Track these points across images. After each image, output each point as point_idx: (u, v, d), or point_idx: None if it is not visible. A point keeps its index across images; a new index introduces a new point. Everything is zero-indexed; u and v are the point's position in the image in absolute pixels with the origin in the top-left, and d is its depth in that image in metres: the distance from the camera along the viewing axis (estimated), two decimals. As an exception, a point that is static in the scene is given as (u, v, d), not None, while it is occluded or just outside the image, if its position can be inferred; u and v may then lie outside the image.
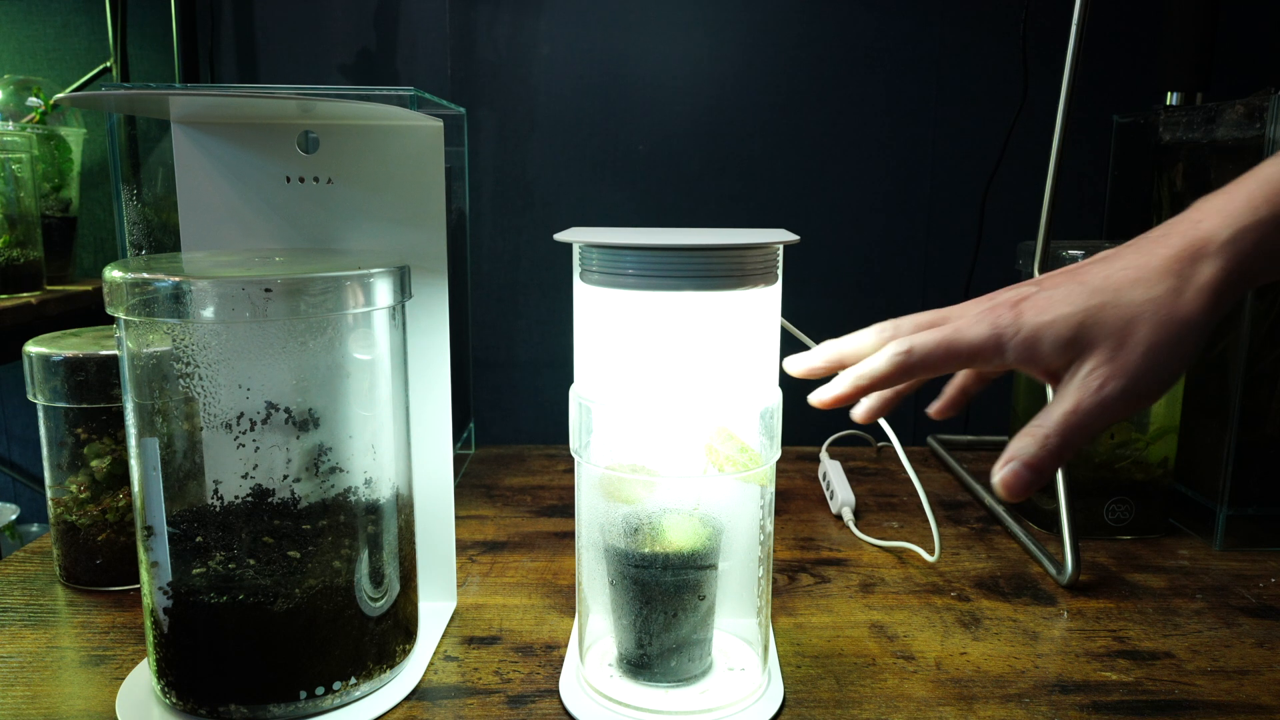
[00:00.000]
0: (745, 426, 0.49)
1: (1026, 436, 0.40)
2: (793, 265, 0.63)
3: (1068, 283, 0.41)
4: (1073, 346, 0.40)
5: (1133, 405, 0.39)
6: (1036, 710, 0.51)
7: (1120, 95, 1.03)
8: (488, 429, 1.11)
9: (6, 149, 0.95)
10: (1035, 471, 0.39)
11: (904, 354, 0.42)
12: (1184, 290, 0.39)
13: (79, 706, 0.51)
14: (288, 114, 0.55)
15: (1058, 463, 0.40)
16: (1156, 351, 0.39)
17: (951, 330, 0.41)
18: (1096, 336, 0.39)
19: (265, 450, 0.48)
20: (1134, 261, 0.40)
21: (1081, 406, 0.39)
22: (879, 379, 0.43)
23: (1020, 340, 0.40)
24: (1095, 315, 0.39)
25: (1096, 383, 0.39)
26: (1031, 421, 0.40)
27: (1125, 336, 0.39)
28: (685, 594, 0.50)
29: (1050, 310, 0.40)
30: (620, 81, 1.04)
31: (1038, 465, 0.39)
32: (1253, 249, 0.39)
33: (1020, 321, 0.40)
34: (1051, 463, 0.39)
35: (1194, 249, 0.39)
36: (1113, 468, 0.77)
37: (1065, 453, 0.39)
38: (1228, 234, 0.39)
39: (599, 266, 0.47)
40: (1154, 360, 0.39)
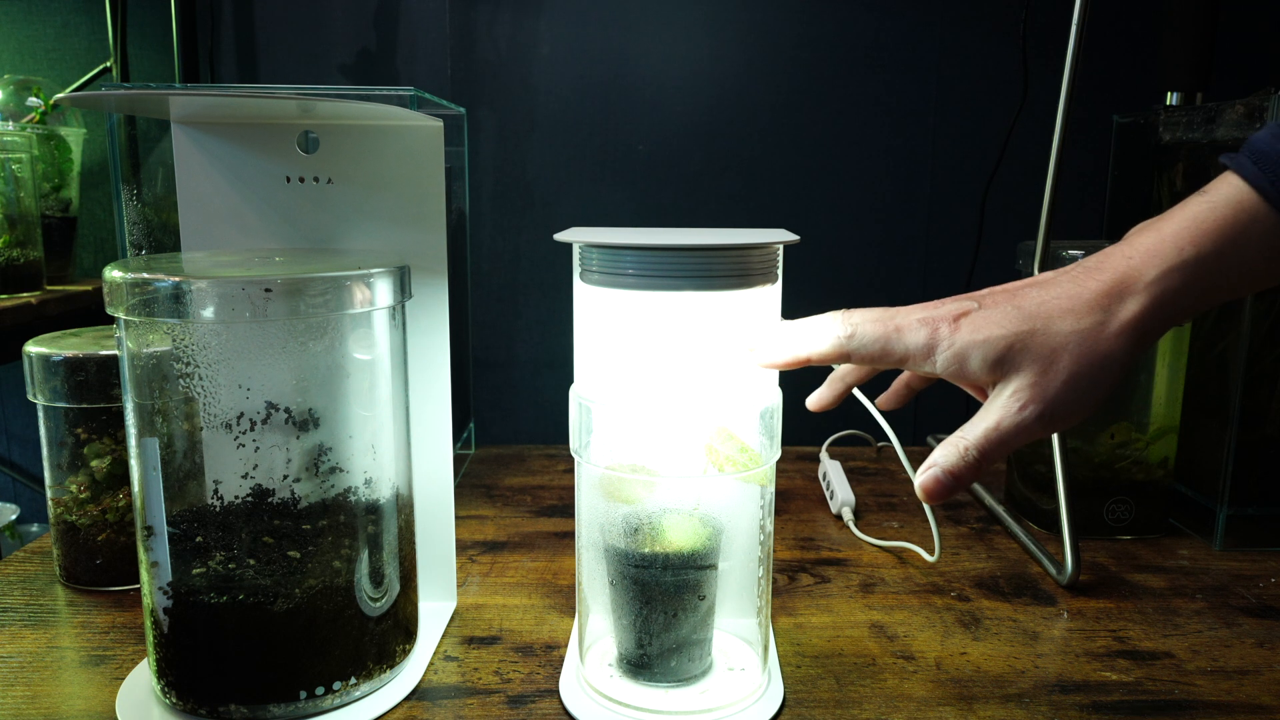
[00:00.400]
0: (745, 426, 0.49)
1: (949, 446, 0.43)
2: (793, 265, 0.62)
3: (1005, 304, 0.43)
4: (999, 367, 0.42)
5: (1049, 428, 0.42)
6: (1036, 710, 0.51)
7: (1120, 95, 1.03)
8: (488, 429, 1.11)
9: (6, 149, 0.95)
10: (954, 479, 0.43)
11: (845, 338, 0.45)
12: (1108, 325, 0.42)
13: (79, 706, 0.51)
14: (288, 114, 0.55)
15: (976, 473, 0.43)
16: (1076, 381, 0.41)
17: (893, 329, 0.44)
18: (1022, 361, 0.42)
19: (265, 450, 0.48)
20: (1067, 290, 0.43)
21: (1002, 425, 0.42)
22: (817, 356, 0.46)
23: (951, 354, 0.43)
24: (1024, 340, 0.42)
25: (1017, 405, 0.42)
26: (957, 431, 0.43)
27: (1049, 364, 0.41)
28: (685, 594, 0.50)
29: (983, 330, 0.42)
30: (620, 81, 1.04)
31: (956, 474, 0.43)
32: (1177, 288, 0.42)
33: (954, 337, 0.43)
34: (969, 473, 0.42)
35: (1122, 285, 0.42)
36: (1113, 468, 0.77)
37: (983, 464, 0.42)
38: (1154, 274, 0.42)
39: (599, 266, 0.47)
40: (1073, 389, 0.41)
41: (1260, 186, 0.42)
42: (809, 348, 0.46)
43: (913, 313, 0.44)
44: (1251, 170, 0.42)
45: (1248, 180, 0.42)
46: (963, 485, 0.43)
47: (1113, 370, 0.42)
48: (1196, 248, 0.42)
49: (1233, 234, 0.42)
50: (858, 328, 0.45)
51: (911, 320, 0.44)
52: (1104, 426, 0.76)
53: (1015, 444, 0.42)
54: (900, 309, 0.45)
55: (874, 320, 0.45)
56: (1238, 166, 0.43)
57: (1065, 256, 0.76)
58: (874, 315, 0.45)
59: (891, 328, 0.44)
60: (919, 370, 0.44)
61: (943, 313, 0.44)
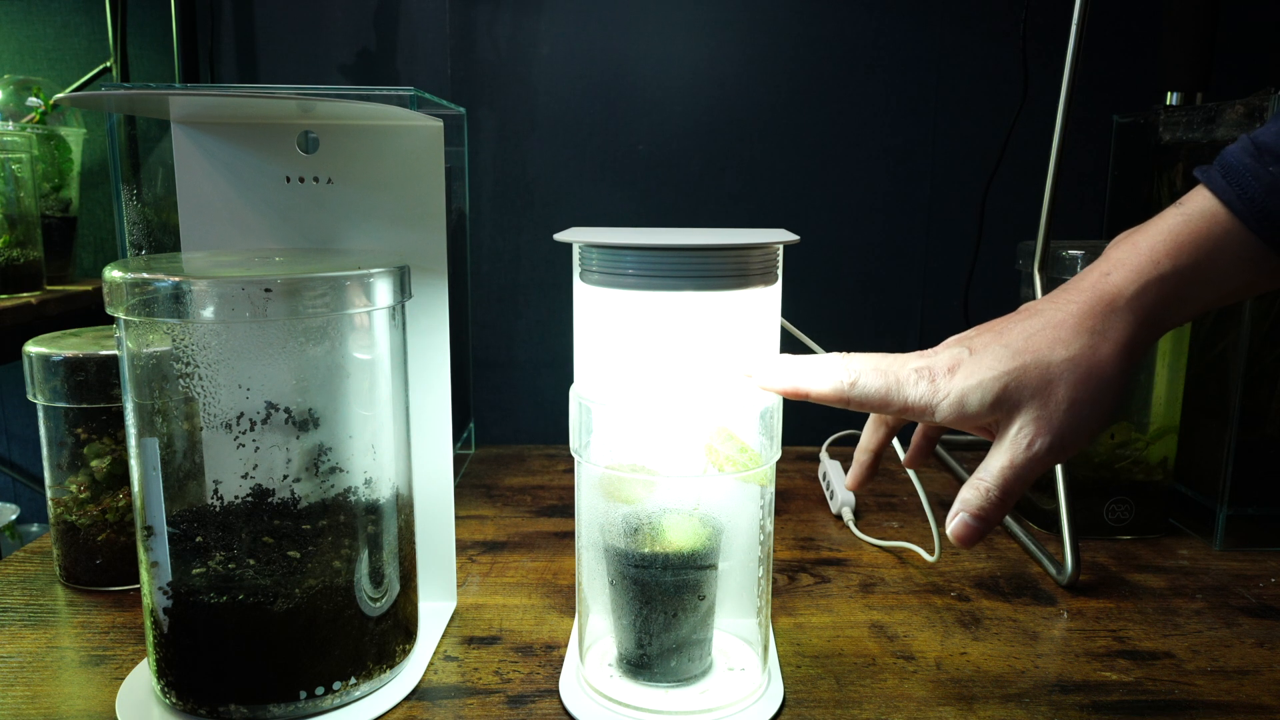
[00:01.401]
0: (745, 426, 0.49)
1: (971, 490, 0.44)
2: (793, 265, 0.63)
3: (994, 345, 0.44)
4: (999, 406, 0.43)
5: (1061, 456, 0.43)
6: (1036, 710, 0.51)
7: (1120, 95, 1.03)
8: (488, 429, 1.11)
9: (6, 149, 0.95)
10: (982, 521, 0.44)
11: (847, 385, 0.46)
12: (1099, 348, 0.42)
13: (79, 706, 0.51)
14: (288, 114, 0.55)
15: (1002, 512, 0.43)
16: (1078, 407, 0.42)
17: (893, 381, 0.45)
18: (1021, 398, 0.43)
19: (265, 450, 0.48)
20: (1051, 319, 0.44)
21: (1016, 462, 0.43)
22: (815, 394, 0.47)
23: (950, 403, 0.44)
24: (1018, 378, 0.43)
25: (1025, 440, 0.43)
26: (975, 473, 0.44)
27: (1048, 396, 0.42)
28: (685, 594, 0.50)
29: (976, 374, 0.43)
30: (620, 81, 1.04)
31: (983, 516, 0.44)
32: (1156, 301, 0.43)
33: (950, 386, 0.44)
34: (995, 513, 0.43)
35: (1104, 304, 0.43)
36: (1113, 468, 0.77)
37: (1008, 502, 0.43)
38: (1133, 290, 0.43)
39: (599, 266, 0.47)
40: (1076, 415, 0.42)
41: (1229, 201, 0.42)
42: (809, 384, 0.47)
43: (909, 362, 0.46)
44: (1220, 184, 0.43)
45: (1217, 195, 0.43)
46: (992, 525, 0.44)
47: (1110, 390, 0.42)
48: (1173, 261, 0.43)
49: (1208, 246, 0.43)
50: (860, 376, 0.46)
51: (909, 372, 0.45)
52: (1104, 426, 0.76)
53: (1032, 477, 0.43)
54: (897, 358, 0.46)
55: (874, 370, 0.46)
56: (1208, 180, 0.43)
57: (1065, 256, 0.76)
58: (874, 364, 0.46)
59: (892, 380, 0.45)
60: (920, 420, 0.46)
61: (938, 362, 0.45)
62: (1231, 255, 0.43)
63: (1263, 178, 0.42)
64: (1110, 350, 0.42)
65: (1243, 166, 0.42)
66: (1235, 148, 0.43)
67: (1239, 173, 0.42)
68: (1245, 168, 0.42)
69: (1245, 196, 0.42)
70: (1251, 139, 0.43)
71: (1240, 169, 0.42)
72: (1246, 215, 0.42)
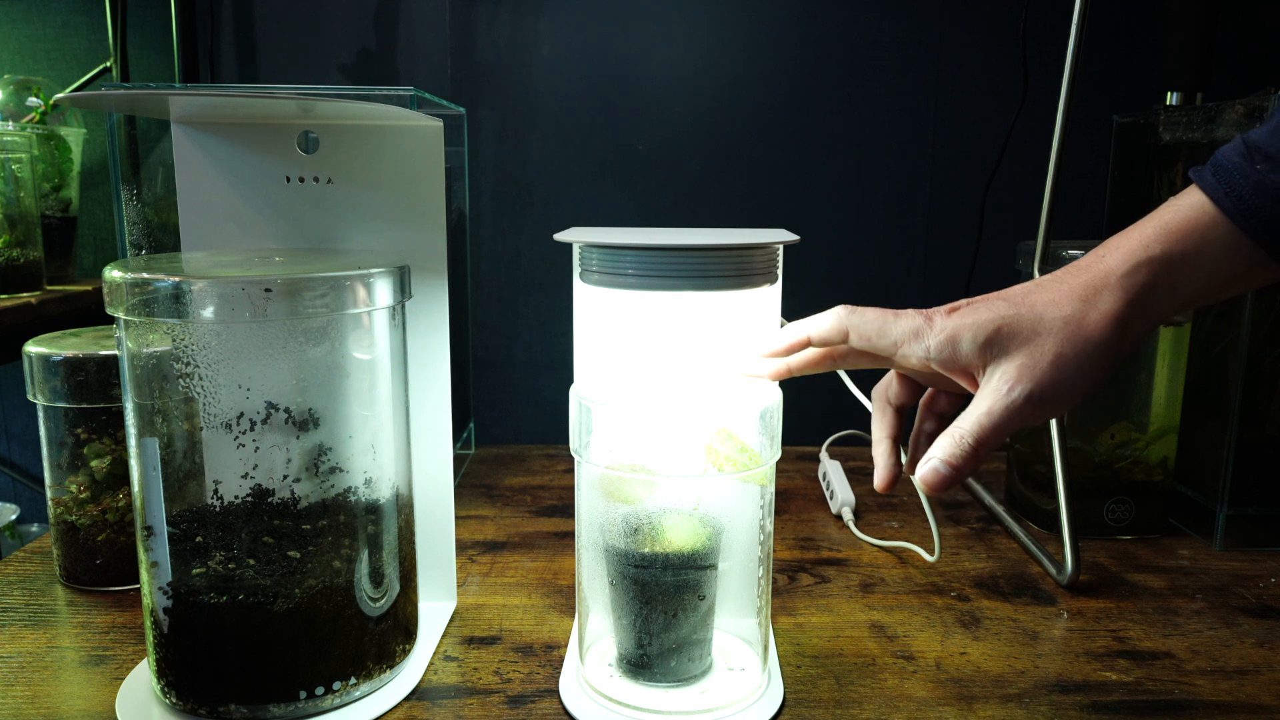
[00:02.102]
0: (745, 426, 0.49)
1: (947, 437, 0.44)
2: (793, 265, 0.62)
3: (993, 298, 0.46)
4: (988, 349, 0.44)
5: (1039, 409, 0.44)
6: (1036, 710, 0.51)
7: (1120, 95, 1.03)
8: (488, 429, 1.11)
9: (6, 149, 0.95)
10: (954, 470, 0.44)
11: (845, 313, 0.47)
12: (1089, 314, 0.44)
13: (79, 706, 0.51)
14: (288, 114, 0.55)
15: (974, 462, 0.44)
16: (1062, 361, 0.43)
17: (890, 315, 0.47)
18: (1010, 343, 0.44)
19: (265, 450, 0.48)
20: (1050, 287, 0.46)
21: (993, 409, 0.43)
22: (818, 336, 0.48)
23: (944, 337, 0.45)
24: (1012, 324, 0.44)
25: (1006, 386, 0.43)
26: (953, 423, 0.45)
27: (1036, 346, 0.44)
28: (685, 594, 0.50)
29: (972, 315, 0.45)
30: (620, 81, 1.04)
31: (955, 464, 0.44)
32: (1146, 282, 0.44)
33: (946, 322, 0.45)
34: (968, 463, 0.44)
35: (1098, 280, 0.45)
36: (1113, 468, 0.77)
37: (980, 451, 0.44)
38: (1124, 269, 0.45)
39: (599, 266, 0.47)
40: (1060, 370, 0.43)
41: (1216, 198, 0.44)
42: (807, 328, 0.48)
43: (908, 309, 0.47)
44: (1210, 182, 0.45)
45: (1206, 192, 0.45)
46: (963, 475, 0.44)
47: (1098, 357, 0.44)
48: (1163, 246, 0.45)
49: (1196, 237, 0.45)
50: (856, 310, 0.47)
51: (908, 311, 0.47)
52: (1104, 426, 0.76)
53: (1008, 427, 0.44)
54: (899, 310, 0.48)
55: (874, 310, 0.47)
56: (1199, 179, 0.46)
57: (1065, 256, 0.76)
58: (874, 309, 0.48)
59: (890, 314, 0.47)
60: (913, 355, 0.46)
61: (935, 309, 0.47)
62: (1220, 247, 0.44)
63: (1250, 175, 0.44)
64: (1099, 318, 0.44)
65: (1232, 165, 0.44)
66: (1228, 147, 0.46)
67: (1228, 170, 0.44)
68: (1234, 166, 0.44)
69: (1233, 194, 0.44)
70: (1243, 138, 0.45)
71: (1229, 167, 0.44)
72: (1233, 210, 0.44)
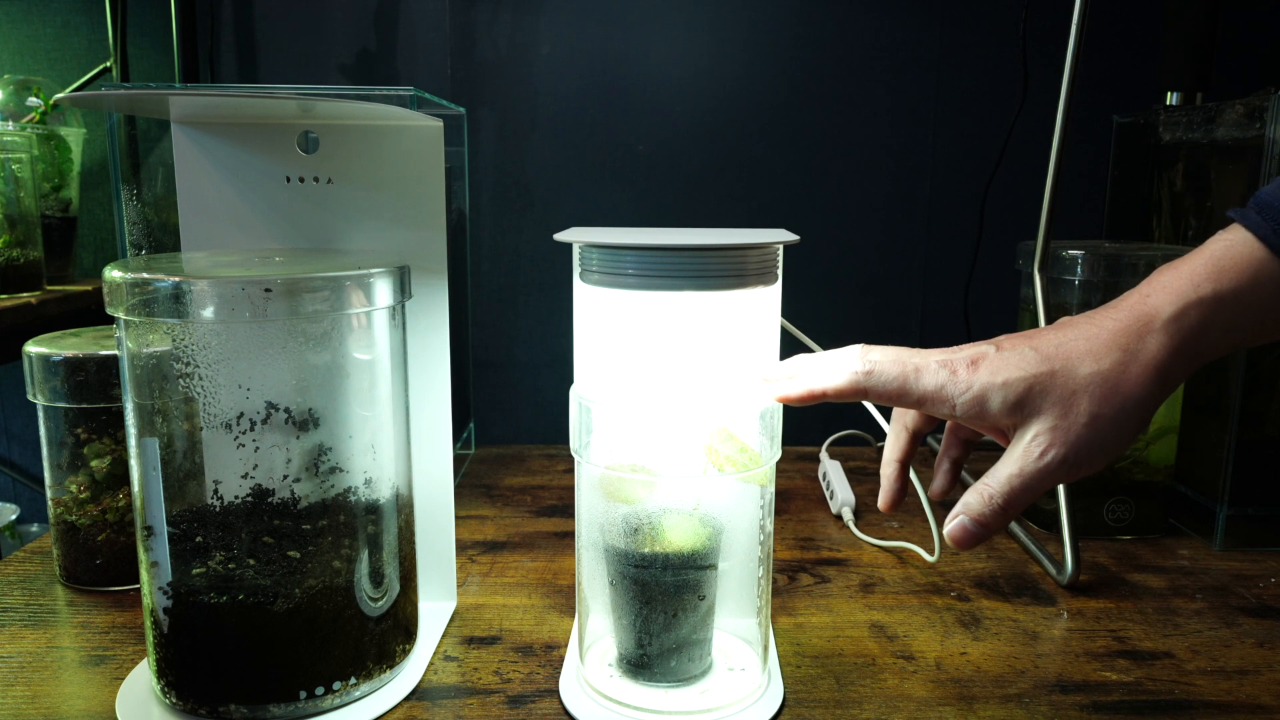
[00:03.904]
0: (745, 426, 0.49)
1: (975, 494, 0.43)
2: (793, 265, 0.62)
3: (1022, 346, 0.43)
4: (1019, 409, 0.42)
5: (1073, 473, 0.42)
6: (1036, 710, 0.51)
7: (1120, 95, 1.03)
8: (488, 429, 1.11)
9: (6, 149, 0.95)
10: (981, 528, 0.43)
11: (863, 374, 0.45)
12: (1130, 366, 0.41)
13: (79, 706, 0.51)
14: (288, 114, 0.55)
15: (1003, 521, 0.43)
16: (1098, 423, 0.41)
17: (911, 369, 0.44)
18: (1042, 404, 0.41)
19: (265, 450, 0.48)
20: (1085, 332, 0.43)
21: (1025, 472, 0.42)
22: (833, 391, 0.46)
23: (970, 397, 0.42)
24: (1044, 382, 0.41)
25: (1038, 450, 0.42)
26: (982, 478, 0.43)
27: (1069, 407, 0.41)
28: (685, 594, 0.50)
29: (1002, 373, 0.42)
30: (620, 81, 1.04)
31: (984, 522, 0.43)
32: (1196, 325, 0.41)
33: (972, 379, 0.43)
34: (996, 521, 0.43)
35: (1141, 323, 0.42)
36: (1113, 468, 0.77)
37: (1010, 512, 0.42)
38: (1171, 310, 0.42)
39: (599, 266, 0.47)
40: (1095, 431, 0.41)
41: (1264, 236, 0.42)
42: (824, 382, 0.46)
43: (931, 355, 0.44)
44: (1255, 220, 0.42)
45: (1253, 230, 0.42)
46: (990, 532, 0.43)
47: (1136, 413, 0.41)
48: (1215, 284, 0.42)
49: (1249, 274, 0.42)
50: (876, 365, 0.44)
51: (930, 362, 0.44)
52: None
53: (1040, 489, 0.42)
54: (919, 351, 0.45)
55: (892, 360, 0.44)
56: (1243, 218, 0.43)
57: (1065, 256, 0.76)
58: (892, 355, 0.45)
59: (910, 368, 0.44)
60: (937, 413, 0.44)
61: (961, 356, 0.44)
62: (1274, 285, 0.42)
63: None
64: (1140, 370, 0.41)
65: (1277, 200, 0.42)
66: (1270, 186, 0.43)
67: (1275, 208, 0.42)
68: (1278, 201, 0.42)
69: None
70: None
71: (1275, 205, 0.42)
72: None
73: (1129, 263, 0.75)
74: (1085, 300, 0.76)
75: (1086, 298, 0.76)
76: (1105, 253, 0.75)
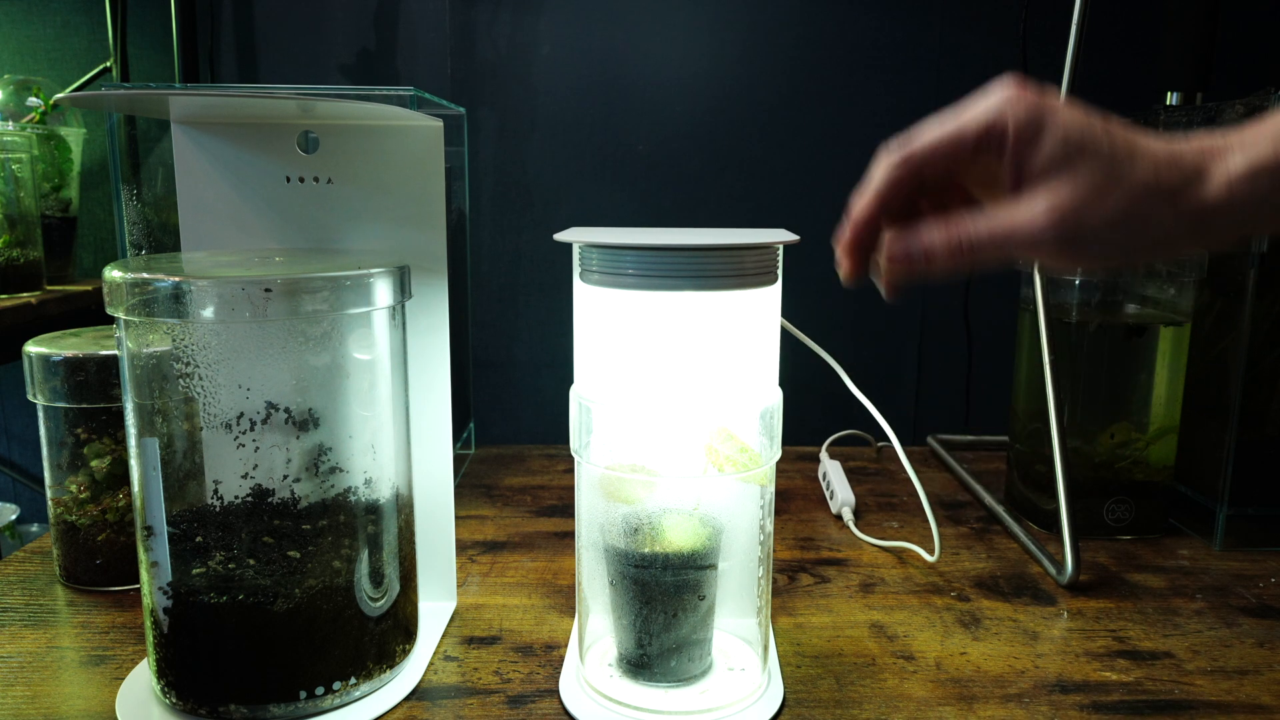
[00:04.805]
0: (745, 426, 0.49)
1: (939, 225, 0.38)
2: (793, 265, 0.62)
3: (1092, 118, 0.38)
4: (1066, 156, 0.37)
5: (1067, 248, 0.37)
6: (1036, 710, 0.51)
7: (1120, 95, 1.03)
8: (488, 429, 1.11)
9: (6, 149, 0.95)
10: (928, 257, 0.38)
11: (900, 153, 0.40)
12: (1177, 192, 0.37)
13: (79, 706, 0.51)
14: (288, 114, 0.55)
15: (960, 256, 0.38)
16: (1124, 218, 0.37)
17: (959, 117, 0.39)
18: (1079, 164, 0.37)
19: (265, 450, 0.48)
20: (1152, 141, 0.38)
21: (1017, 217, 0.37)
22: (881, 193, 0.41)
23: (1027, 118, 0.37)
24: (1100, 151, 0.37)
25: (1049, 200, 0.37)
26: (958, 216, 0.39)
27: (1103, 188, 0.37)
28: (685, 594, 0.50)
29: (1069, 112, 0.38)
30: (620, 81, 1.04)
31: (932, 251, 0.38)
32: (1265, 186, 0.37)
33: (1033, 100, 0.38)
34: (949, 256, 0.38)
35: (1202, 158, 0.37)
36: (1113, 468, 0.77)
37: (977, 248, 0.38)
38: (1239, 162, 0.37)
39: (599, 266, 0.47)
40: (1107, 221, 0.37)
41: None
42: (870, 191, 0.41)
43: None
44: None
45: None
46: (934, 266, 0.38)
47: (1160, 230, 0.37)
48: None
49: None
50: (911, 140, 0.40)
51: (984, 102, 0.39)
52: (1104, 426, 0.76)
53: (1015, 246, 0.38)
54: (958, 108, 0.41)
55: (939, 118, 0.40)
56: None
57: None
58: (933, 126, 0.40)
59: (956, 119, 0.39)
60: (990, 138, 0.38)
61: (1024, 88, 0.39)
62: None
63: None
64: (1188, 205, 0.37)
65: None
66: None
67: None
68: None
69: None
70: None
71: None
72: None
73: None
74: (1085, 300, 0.76)
75: (1086, 298, 0.76)
76: (1105, 253, 0.75)
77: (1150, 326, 0.75)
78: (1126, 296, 0.77)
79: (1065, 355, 0.76)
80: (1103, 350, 0.75)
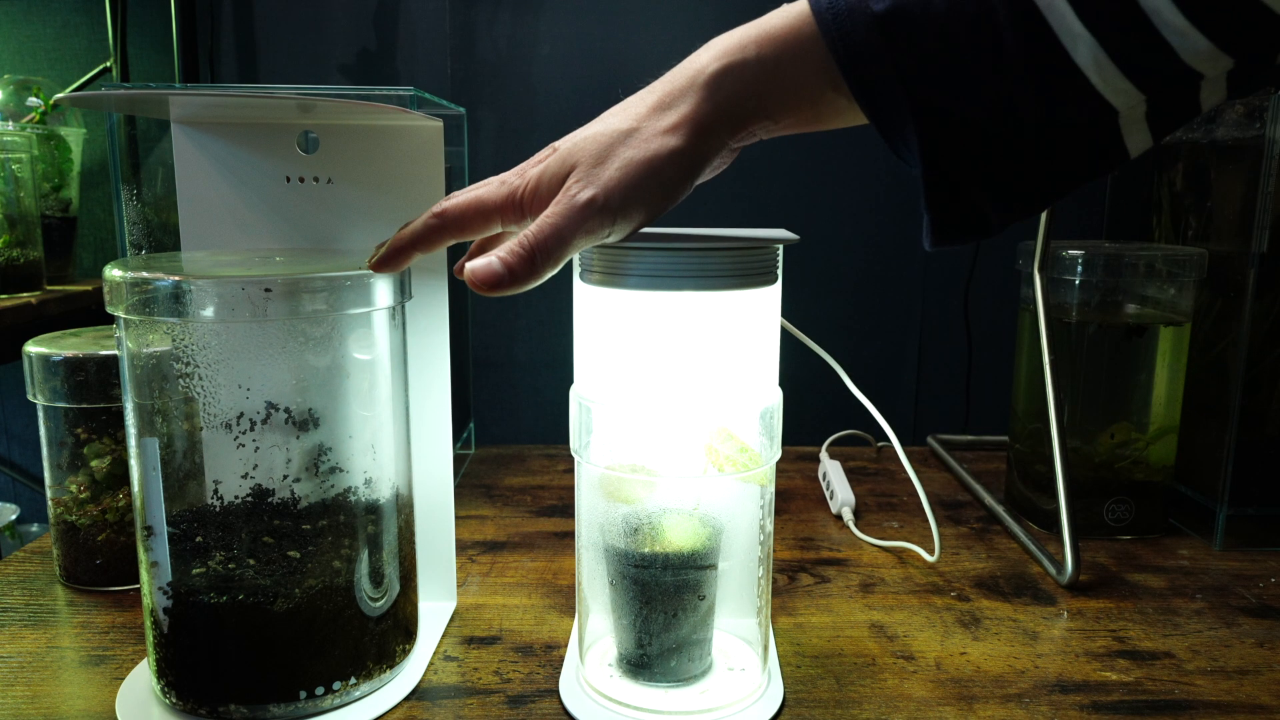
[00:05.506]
0: (745, 426, 0.49)
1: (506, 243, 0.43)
2: (793, 265, 0.63)
3: (574, 135, 0.45)
4: (564, 168, 0.43)
5: (607, 218, 0.42)
6: (1036, 710, 0.51)
7: (1120, 95, 1.03)
8: (488, 429, 1.11)
9: (6, 149, 0.95)
10: (507, 268, 0.42)
11: (437, 215, 0.46)
12: (665, 118, 0.43)
13: (79, 706, 0.51)
14: (288, 114, 0.55)
15: (531, 263, 0.42)
16: (632, 167, 0.42)
17: (481, 191, 0.45)
18: (580, 157, 0.43)
19: (265, 450, 0.48)
20: (630, 102, 0.45)
21: (557, 211, 0.42)
22: (419, 240, 0.46)
23: (529, 189, 0.44)
24: (584, 142, 0.44)
25: (574, 192, 0.43)
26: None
27: (604, 155, 0.43)
28: (685, 594, 0.50)
29: (549, 158, 0.44)
30: (620, 81, 1.04)
31: (510, 263, 0.42)
32: (736, 86, 0.43)
33: (527, 174, 0.45)
34: (522, 264, 0.42)
35: (684, 81, 0.44)
36: (1113, 468, 0.77)
37: (539, 253, 0.42)
38: (714, 68, 0.43)
39: (599, 266, 0.47)
40: (627, 174, 0.42)
41: (817, 10, 0.41)
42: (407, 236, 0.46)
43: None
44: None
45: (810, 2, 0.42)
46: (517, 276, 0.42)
47: (673, 160, 0.43)
48: (759, 49, 0.43)
49: (794, 46, 0.42)
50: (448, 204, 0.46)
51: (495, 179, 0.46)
52: (1104, 426, 0.76)
53: (573, 231, 0.42)
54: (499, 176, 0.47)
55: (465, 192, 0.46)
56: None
57: (1065, 256, 0.76)
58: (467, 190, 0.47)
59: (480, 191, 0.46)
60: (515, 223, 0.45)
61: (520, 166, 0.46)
62: (815, 64, 0.42)
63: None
64: (675, 120, 0.43)
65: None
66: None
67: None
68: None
69: (833, 10, 0.41)
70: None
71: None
72: (829, 26, 0.41)
73: (1129, 263, 0.75)
74: (1085, 300, 0.76)
75: (1086, 298, 0.76)
76: (1105, 253, 0.75)
77: (1150, 326, 0.75)
78: (1126, 297, 0.77)
79: (1065, 355, 0.76)
80: (1103, 350, 0.75)
